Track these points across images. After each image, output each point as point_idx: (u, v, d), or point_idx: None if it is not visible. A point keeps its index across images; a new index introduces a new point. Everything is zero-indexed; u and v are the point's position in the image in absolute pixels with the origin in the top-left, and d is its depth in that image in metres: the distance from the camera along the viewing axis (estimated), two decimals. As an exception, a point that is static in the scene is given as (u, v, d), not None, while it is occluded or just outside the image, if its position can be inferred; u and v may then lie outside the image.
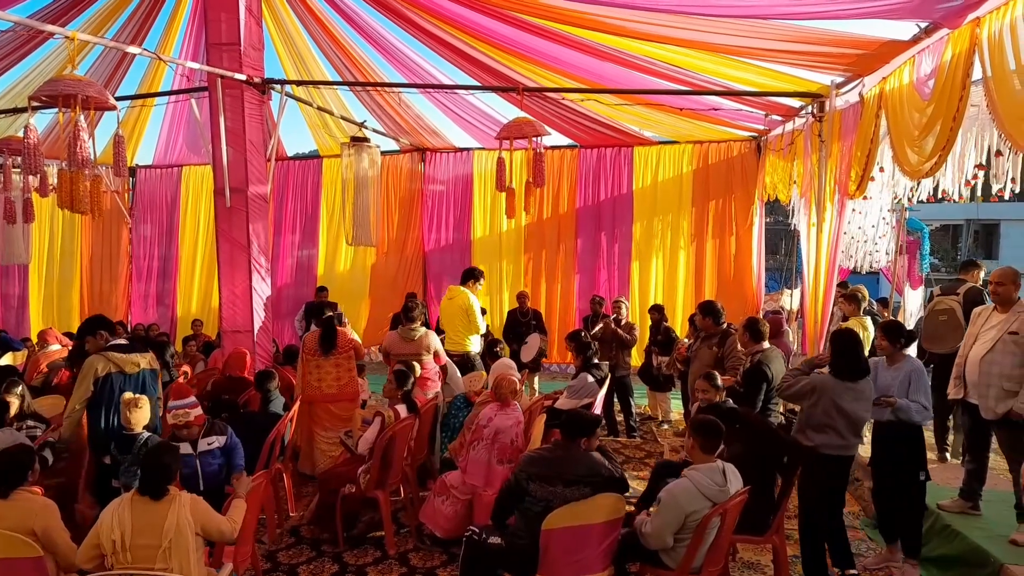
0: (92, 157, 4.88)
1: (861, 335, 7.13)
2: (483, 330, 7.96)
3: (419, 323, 6.71)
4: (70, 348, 7.44)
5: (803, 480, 4.61)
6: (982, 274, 6.27)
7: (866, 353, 7.26)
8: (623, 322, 8.03)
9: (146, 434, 4.66)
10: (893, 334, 4.93)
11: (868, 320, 7.30)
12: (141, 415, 4.64)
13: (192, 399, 4.67)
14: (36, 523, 3.43)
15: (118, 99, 6.28)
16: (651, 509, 3.92)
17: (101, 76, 8.75)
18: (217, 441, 4.62)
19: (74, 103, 4.73)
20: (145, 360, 5.08)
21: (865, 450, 5.32)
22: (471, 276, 7.98)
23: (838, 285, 7.46)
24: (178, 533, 3.38)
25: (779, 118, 8.26)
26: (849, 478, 4.91)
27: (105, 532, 3.35)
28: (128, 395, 4.74)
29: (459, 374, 7.06)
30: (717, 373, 5.65)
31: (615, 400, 8.11)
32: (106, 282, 12.53)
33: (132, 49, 6.67)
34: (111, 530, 3.34)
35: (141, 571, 3.29)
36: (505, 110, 9.24)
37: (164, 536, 3.35)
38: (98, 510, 4.88)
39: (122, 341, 5.17)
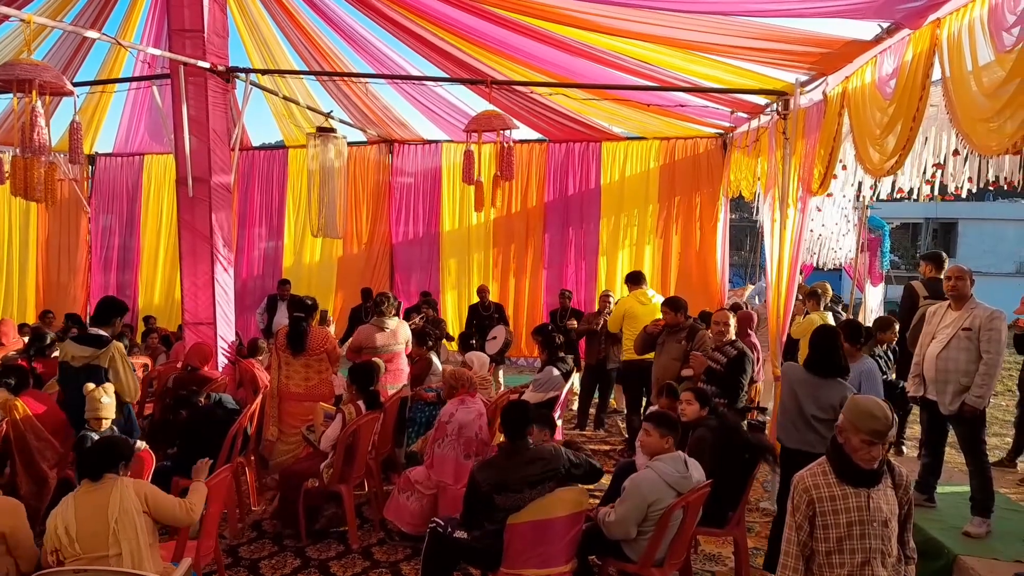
0: (48, 143, 4.76)
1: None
2: None
3: (392, 314, 6.67)
4: (27, 339, 7.28)
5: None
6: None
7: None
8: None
9: (94, 436, 4.57)
10: (854, 335, 4.95)
11: (829, 315, 7.42)
12: (110, 407, 4.57)
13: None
14: (5, 522, 3.36)
15: (76, 85, 6.12)
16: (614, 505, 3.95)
17: (59, 61, 8.53)
18: None
19: (29, 88, 4.61)
20: (92, 356, 4.95)
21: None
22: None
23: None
24: (123, 513, 3.34)
25: (744, 115, 8.34)
26: None
27: (51, 531, 3.32)
28: (89, 386, 4.64)
29: (440, 367, 7.02)
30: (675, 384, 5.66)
31: (597, 392, 8.15)
32: (64, 272, 12.25)
33: (91, 33, 6.52)
34: (56, 527, 3.30)
35: (94, 568, 3.22)
36: (474, 103, 9.22)
37: (110, 517, 3.31)
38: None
39: (99, 332, 5.06)
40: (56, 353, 6.57)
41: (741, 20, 5.55)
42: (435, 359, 6.96)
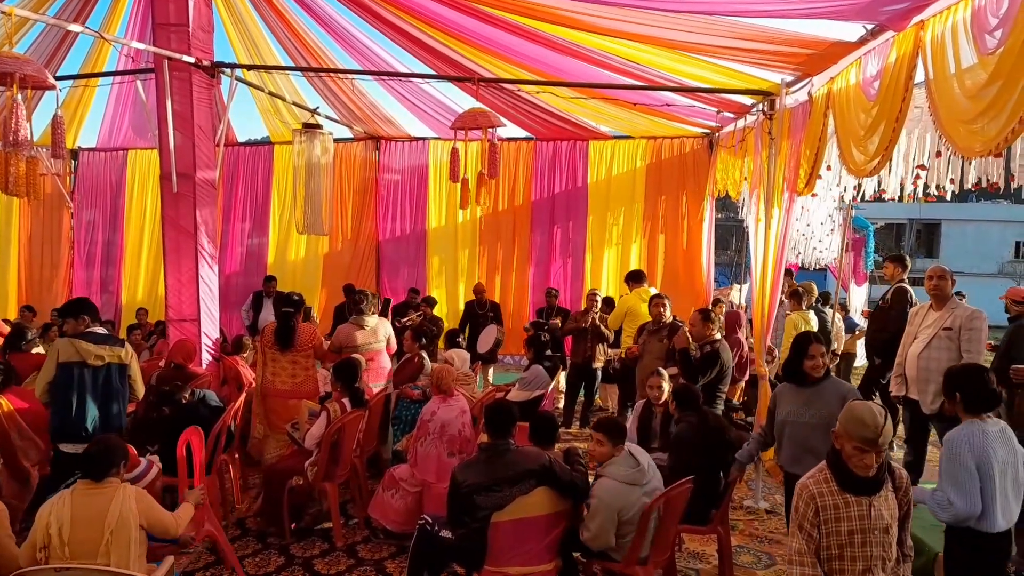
0: (30, 138, 4.71)
1: (803, 328, 7.33)
2: None
3: (371, 312, 6.65)
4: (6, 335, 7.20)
5: None
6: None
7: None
8: (599, 315, 8.04)
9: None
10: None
11: (811, 314, 7.47)
12: None
13: (143, 466, 4.33)
14: None
15: (59, 79, 6.06)
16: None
17: (41, 55, 8.43)
18: None
19: (11, 81, 4.57)
20: (114, 354, 4.84)
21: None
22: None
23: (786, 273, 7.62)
24: (120, 525, 3.24)
25: (731, 115, 8.37)
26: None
27: (42, 527, 3.22)
28: None
29: (430, 366, 7.00)
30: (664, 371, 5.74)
31: (582, 390, 8.16)
32: (46, 268, 12.12)
33: (74, 27, 6.43)
34: (48, 525, 3.21)
35: (77, 565, 3.18)
36: (461, 100, 9.21)
37: (106, 528, 3.21)
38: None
39: (100, 330, 4.98)
40: (38, 349, 6.51)
41: (728, 20, 5.57)
42: (426, 358, 6.97)
